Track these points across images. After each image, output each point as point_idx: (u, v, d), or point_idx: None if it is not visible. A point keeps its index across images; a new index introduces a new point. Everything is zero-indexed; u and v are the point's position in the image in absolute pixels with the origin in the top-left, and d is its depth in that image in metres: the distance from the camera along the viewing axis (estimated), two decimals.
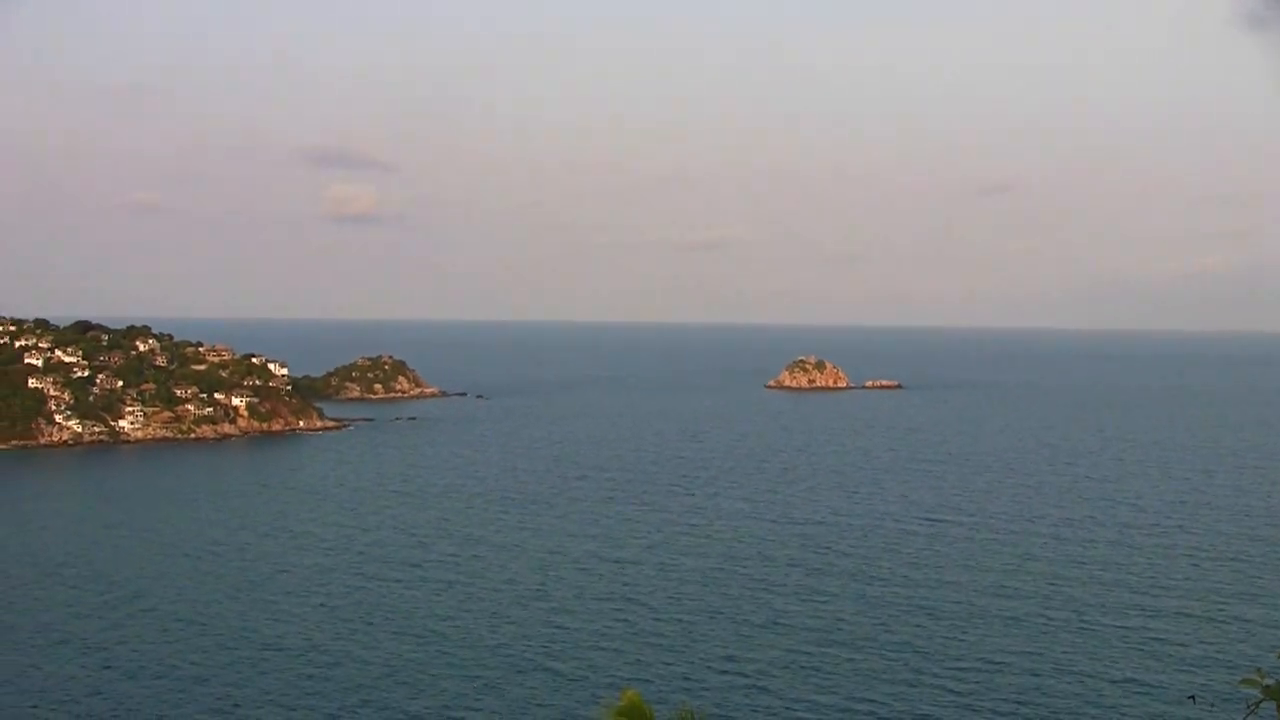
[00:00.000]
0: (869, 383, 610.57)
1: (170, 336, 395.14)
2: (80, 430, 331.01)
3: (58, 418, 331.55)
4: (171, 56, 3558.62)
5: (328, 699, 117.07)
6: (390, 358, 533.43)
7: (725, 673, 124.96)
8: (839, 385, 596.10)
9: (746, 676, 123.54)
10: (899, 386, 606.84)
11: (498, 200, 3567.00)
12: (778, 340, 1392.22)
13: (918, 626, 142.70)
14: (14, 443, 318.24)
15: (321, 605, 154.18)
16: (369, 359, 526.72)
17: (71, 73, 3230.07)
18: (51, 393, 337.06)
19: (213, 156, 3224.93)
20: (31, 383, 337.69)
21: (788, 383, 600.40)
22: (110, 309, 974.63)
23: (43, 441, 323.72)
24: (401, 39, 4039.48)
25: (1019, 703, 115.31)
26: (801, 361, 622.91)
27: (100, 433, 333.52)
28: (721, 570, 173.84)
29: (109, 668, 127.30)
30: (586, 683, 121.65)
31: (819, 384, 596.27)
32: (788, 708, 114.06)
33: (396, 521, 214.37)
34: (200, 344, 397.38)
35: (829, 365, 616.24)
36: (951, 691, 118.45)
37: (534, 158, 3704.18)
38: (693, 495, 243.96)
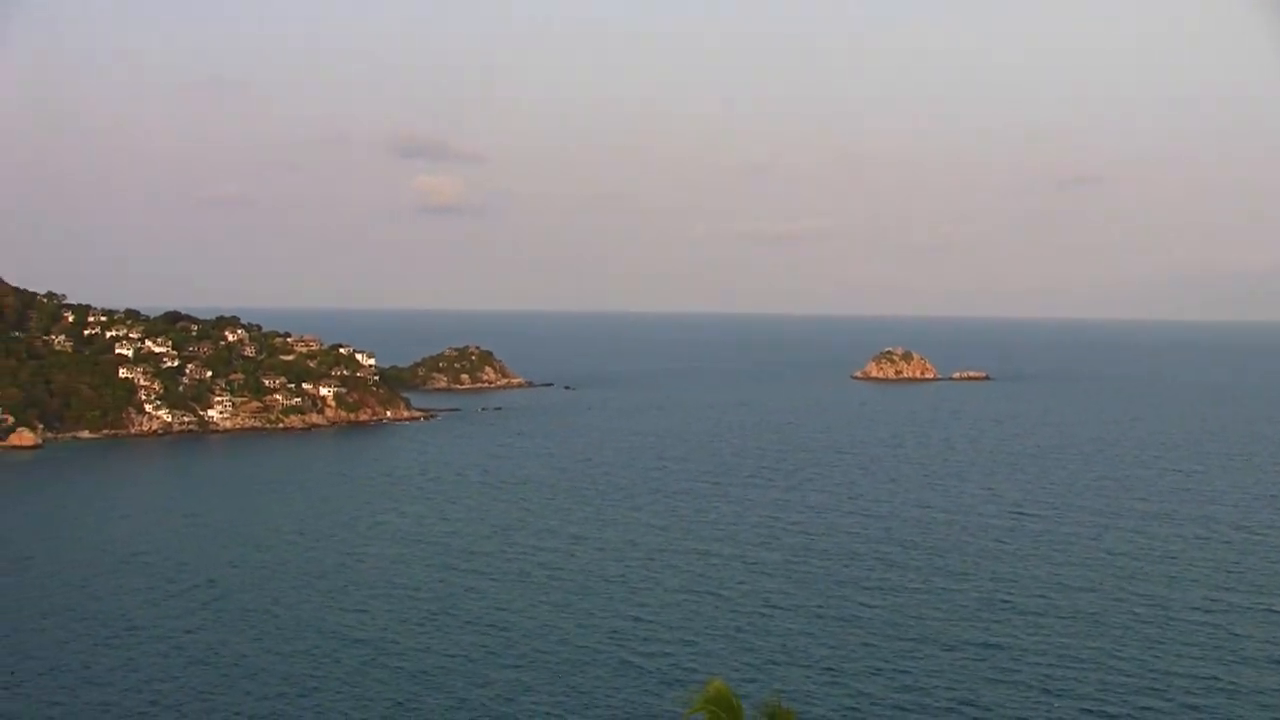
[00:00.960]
0: (956, 374, 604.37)
1: (259, 327, 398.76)
2: (170, 420, 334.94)
3: (148, 407, 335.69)
4: (256, 49, 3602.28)
5: (401, 689, 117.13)
6: (477, 348, 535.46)
7: (804, 665, 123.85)
8: (926, 376, 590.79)
9: (825, 669, 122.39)
10: (986, 378, 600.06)
11: (584, 191, 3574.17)
12: (864, 331, 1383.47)
13: (997, 622, 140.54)
14: (105, 432, 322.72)
15: (402, 595, 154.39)
16: (456, 349, 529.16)
17: (157, 67, 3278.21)
18: (142, 383, 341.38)
19: (299, 149, 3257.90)
20: (122, 373, 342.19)
21: (874, 374, 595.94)
22: (200, 300, 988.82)
23: (133, 431, 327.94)
24: (487, 31, 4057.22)
25: (1100, 699, 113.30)
26: (888, 352, 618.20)
27: (189, 422, 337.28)
28: (802, 563, 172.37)
29: (180, 651, 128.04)
30: (663, 675, 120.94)
31: (906, 375, 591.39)
32: (868, 702, 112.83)
33: (478, 512, 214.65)
34: (288, 334, 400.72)
35: (916, 356, 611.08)
36: (1032, 687, 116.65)
37: (620, 148, 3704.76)
38: (775, 487, 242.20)
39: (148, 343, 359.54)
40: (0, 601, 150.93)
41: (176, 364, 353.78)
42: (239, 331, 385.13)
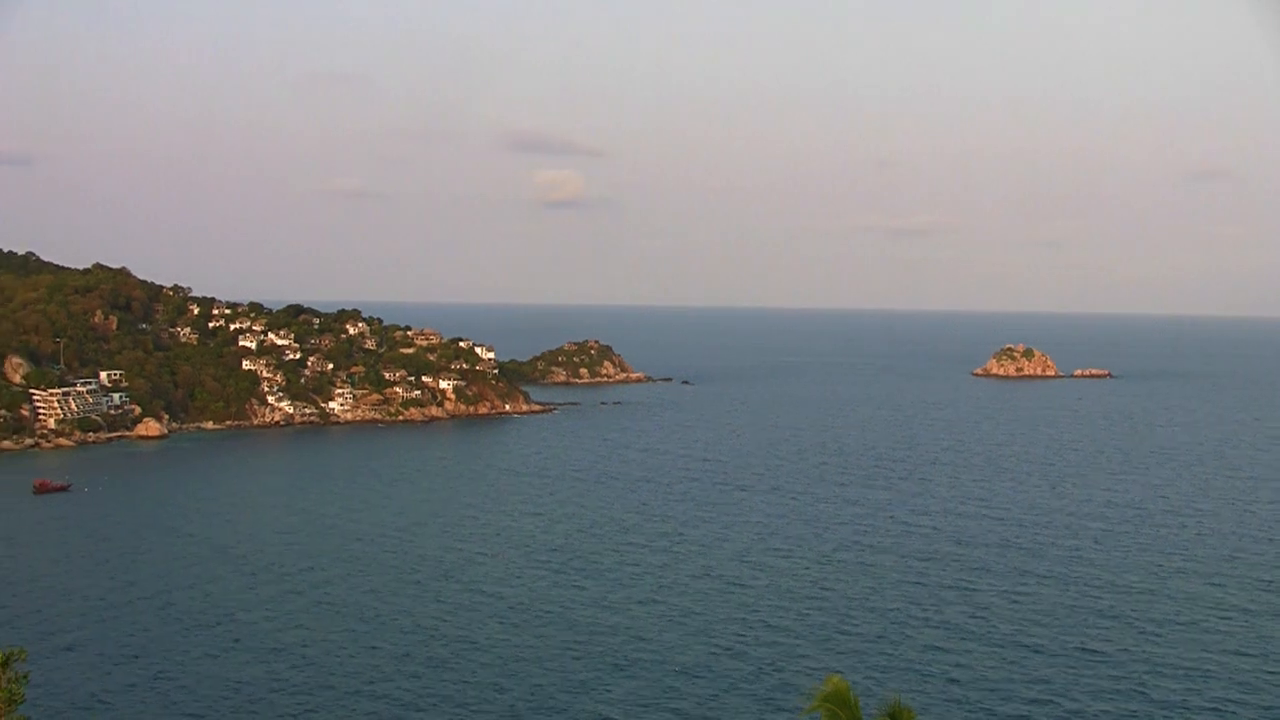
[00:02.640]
0: (1078, 371, 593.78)
1: (379, 320, 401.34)
2: (291, 411, 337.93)
3: (270, 399, 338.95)
4: (375, 44, 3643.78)
5: (517, 682, 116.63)
6: (597, 343, 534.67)
7: (921, 665, 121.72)
8: (1047, 374, 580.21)
9: (943, 671, 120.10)
10: (1109, 375, 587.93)
11: (704, 186, 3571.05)
12: (985, 327, 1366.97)
13: (1116, 630, 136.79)
14: (228, 423, 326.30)
15: (512, 591, 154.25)
16: (575, 344, 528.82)
17: (277, 62, 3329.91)
18: (264, 375, 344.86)
19: (420, 143, 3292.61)
20: (245, 365, 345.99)
21: (995, 371, 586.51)
22: (321, 293, 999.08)
23: (255, 422, 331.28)
24: (609, 26, 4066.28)
25: (1222, 713, 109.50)
26: (1010, 349, 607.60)
27: (310, 414, 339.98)
28: (921, 562, 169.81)
29: (278, 639, 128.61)
30: (778, 671, 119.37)
31: (1027, 372, 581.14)
32: (984, 704, 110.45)
33: (596, 506, 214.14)
34: (409, 328, 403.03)
35: (1037, 353, 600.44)
36: (1149, 699, 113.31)
37: (742, 143, 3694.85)
38: (895, 484, 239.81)
39: (270, 335, 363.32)
40: (124, 588, 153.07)
41: (298, 356, 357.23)
42: (360, 325, 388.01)
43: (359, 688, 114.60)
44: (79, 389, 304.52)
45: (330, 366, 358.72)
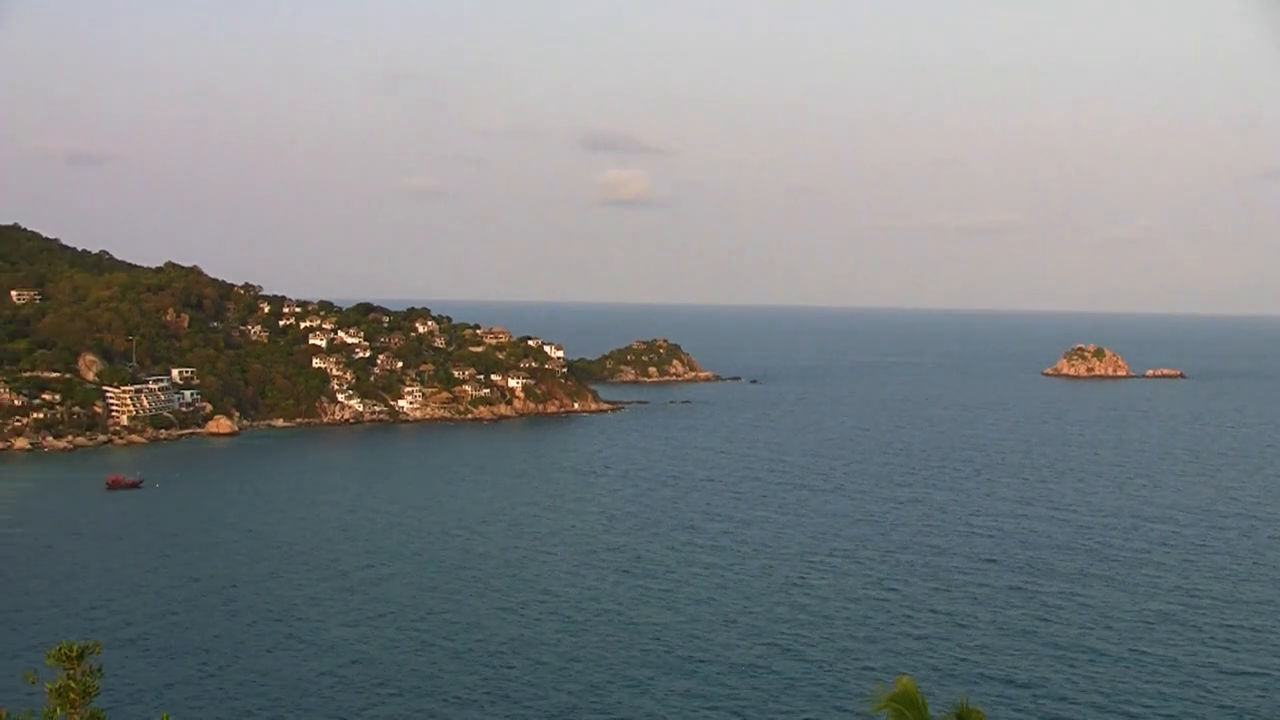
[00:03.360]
0: (1149, 371, 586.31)
1: (448, 319, 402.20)
2: (361, 409, 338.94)
3: (340, 397, 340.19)
4: (442, 44, 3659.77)
5: (574, 681, 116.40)
6: (665, 342, 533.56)
7: (983, 667, 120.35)
8: (1118, 374, 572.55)
9: (1006, 674, 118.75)
10: (1181, 376, 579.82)
11: (769, 185, 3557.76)
12: (1055, 327, 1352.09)
13: (1183, 635, 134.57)
14: (298, 420, 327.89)
15: (578, 588, 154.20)
16: (644, 342, 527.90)
17: (349, 62, 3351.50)
18: (334, 372, 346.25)
19: (489, 142, 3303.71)
20: (315, 363, 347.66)
21: (1065, 370, 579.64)
22: (391, 292, 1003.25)
23: (325, 420, 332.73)
24: (674, 26, 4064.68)
25: None
26: (1080, 349, 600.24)
27: (380, 412, 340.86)
28: (985, 563, 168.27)
29: (343, 635, 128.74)
30: (837, 670, 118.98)
31: (1098, 372, 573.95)
32: (1048, 709, 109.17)
33: (660, 505, 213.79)
34: (478, 326, 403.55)
35: (1108, 353, 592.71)
36: (1217, 705, 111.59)
37: (806, 142, 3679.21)
38: (961, 485, 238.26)
39: (340, 333, 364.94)
40: (190, 583, 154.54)
41: (368, 355, 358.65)
42: (429, 323, 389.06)
43: (416, 684, 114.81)
44: (151, 386, 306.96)
45: (400, 365, 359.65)
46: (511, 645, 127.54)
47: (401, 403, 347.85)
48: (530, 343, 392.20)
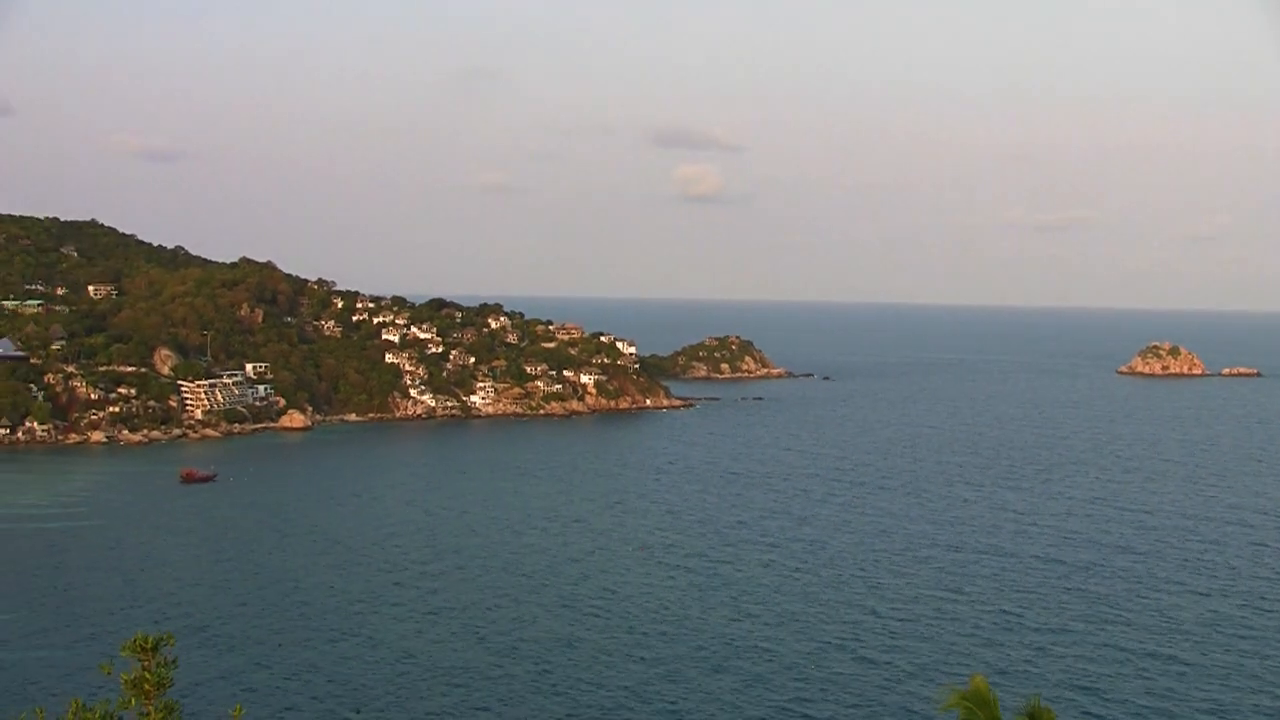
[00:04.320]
0: (1226, 370, 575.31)
1: (521, 315, 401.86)
2: (433, 404, 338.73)
3: (412, 392, 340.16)
4: (514, 40, 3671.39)
5: (641, 671, 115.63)
6: (738, 338, 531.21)
7: (1051, 670, 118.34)
8: (1194, 372, 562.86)
9: (1074, 678, 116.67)
10: (1258, 374, 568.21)
11: (842, 181, 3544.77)
12: (1130, 324, 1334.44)
13: (1251, 641, 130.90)
14: (371, 415, 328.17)
15: (645, 583, 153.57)
16: (716, 339, 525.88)
17: (424, 58, 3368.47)
18: (407, 368, 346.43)
19: (563, 138, 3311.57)
20: (388, 358, 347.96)
21: (1140, 368, 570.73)
22: (464, 287, 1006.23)
23: (398, 415, 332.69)
24: (751, 21, 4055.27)
25: None
26: (1155, 347, 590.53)
27: (452, 407, 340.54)
28: (1057, 565, 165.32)
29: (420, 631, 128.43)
30: (899, 668, 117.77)
31: (1173, 370, 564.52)
32: (1116, 713, 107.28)
33: (730, 503, 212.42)
34: (550, 322, 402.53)
35: (1184, 351, 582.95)
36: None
37: (880, 138, 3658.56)
38: (1034, 484, 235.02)
39: (413, 329, 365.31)
40: (258, 576, 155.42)
41: (441, 350, 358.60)
42: (502, 319, 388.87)
43: (469, 681, 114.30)
44: (225, 381, 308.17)
45: (472, 360, 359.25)
46: (567, 642, 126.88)
47: (474, 398, 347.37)
48: (603, 339, 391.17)
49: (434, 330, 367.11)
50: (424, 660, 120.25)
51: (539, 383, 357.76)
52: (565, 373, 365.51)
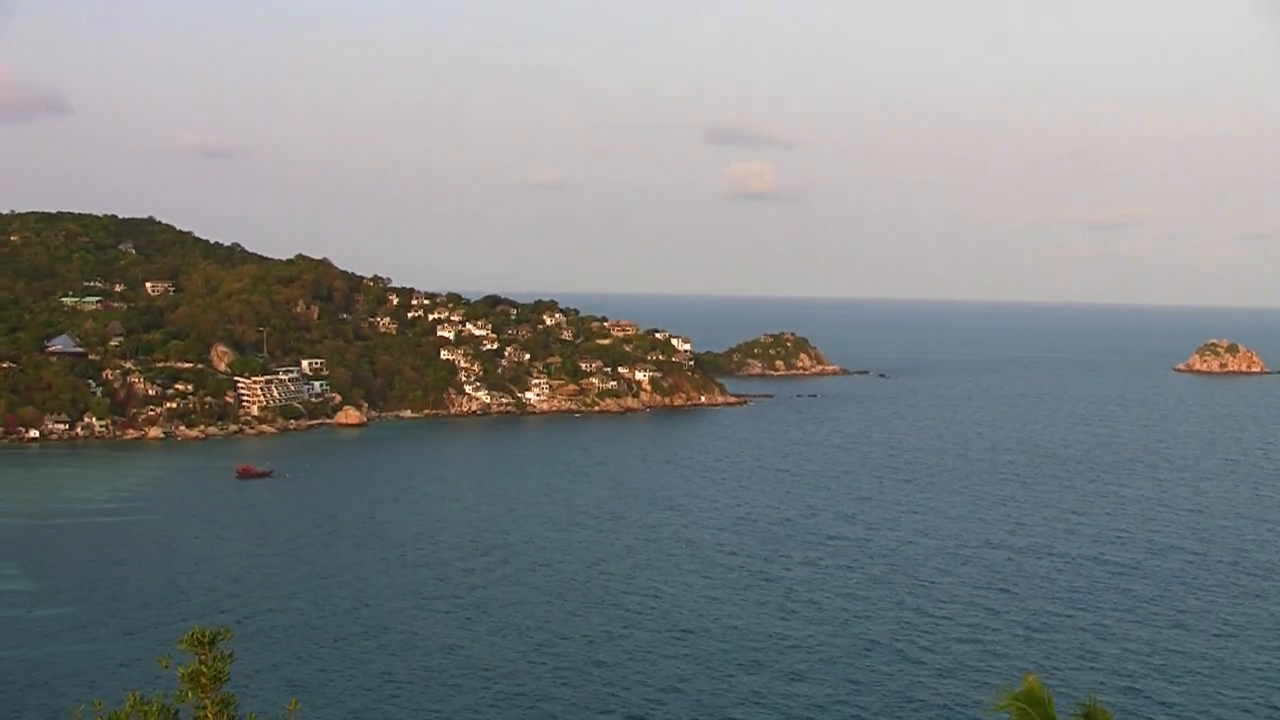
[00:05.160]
0: None
1: (576, 311, 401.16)
2: (488, 401, 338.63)
3: (468, 388, 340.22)
4: (578, 37, 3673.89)
5: (683, 669, 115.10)
6: (792, 335, 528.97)
7: (1101, 673, 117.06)
8: (1252, 370, 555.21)
9: (1119, 675, 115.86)
10: None
11: (897, 178, 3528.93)
12: (1187, 321, 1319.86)
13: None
14: (426, 412, 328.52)
15: (694, 582, 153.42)
16: (771, 336, 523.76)
17: (477, 55, 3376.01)
18: (462, 364, 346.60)
19: (618, 135, 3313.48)
20: (444, 354, 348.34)
21: (1198, 366, 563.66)
22: (519, 284, 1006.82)
23: (453, 411, 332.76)
24: (806, 18, 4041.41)
25: None
26: (1213, 344, 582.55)
27: (507, 404, 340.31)
28: (1112, 565, 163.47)
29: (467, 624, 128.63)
30: (948, 668, 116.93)
31: (1231, 368, 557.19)
32: (1167, 711, 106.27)
33: (783, 501, 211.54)
34: (605, 319, 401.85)
35: (1242, 349, 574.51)
36: None
37: (935, 135, 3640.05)
38: (1089, 483, 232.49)
39: (468, 326, 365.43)
40: (311, 571, 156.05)
41: (496, 347, 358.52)
42: (557, 315, 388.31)
43: (511, 678, 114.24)
44: (281, 377, 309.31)
45: (527, 357, 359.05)
46: (610, 639, 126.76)
47: (529, 395, 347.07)
48: (657, 335, 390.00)
49: (489, 327, 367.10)
50: (464, 655, 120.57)
51: (594, 379, 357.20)
52: (620, 369, 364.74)
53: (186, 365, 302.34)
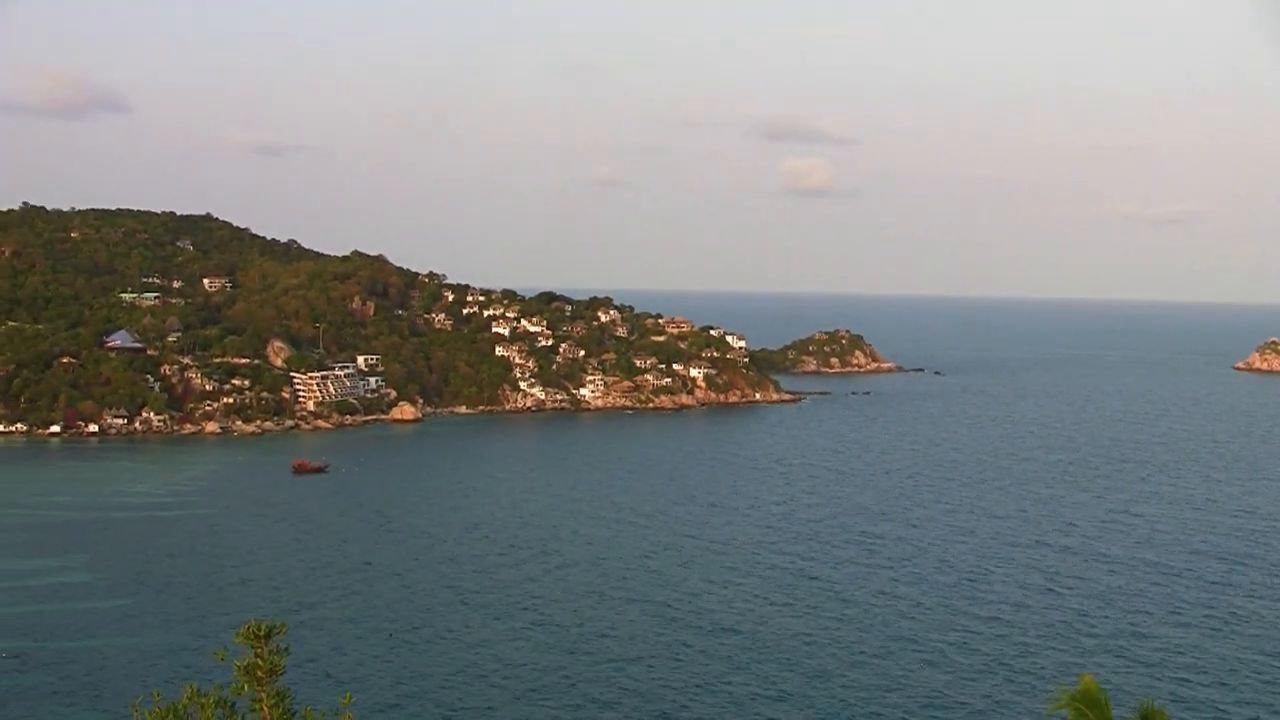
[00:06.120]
0: None
1: (630, 308, 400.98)
2: (543, 397, 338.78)
3: (522, 385, 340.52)
4: (625, 33, 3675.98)
5: (744, 672, 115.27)
6: (848, 332, 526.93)
7: (1158, 673, 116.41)
8: None
9: (1171, 680, 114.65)
10: None
11: (953, 174, 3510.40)
12: (1247, 319, 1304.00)
13: None
14: (481, 408, 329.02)
15: (751, 579, 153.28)
16: (826, 333, 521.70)
17: (530, 52, 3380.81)
18: (517, 361, 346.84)
19: (671, 131, 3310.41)
20: (498, 351, 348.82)
21: (1258, 365, 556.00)
22: (573, 280, 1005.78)
23: (507, 408, 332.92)
24: (860, 14, 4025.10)
25: None
26: (1274, 342, 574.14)
27: (562, 400, 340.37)
28: (1163, 564, 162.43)
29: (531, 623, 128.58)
30: (994, 670, 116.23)
31: None
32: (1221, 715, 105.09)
33: (836, 498, 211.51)
34: (660, 315, 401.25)
35: None
36: None
37: (990, 132, 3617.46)
38: (1143, 483, 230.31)
39: (523, 322, 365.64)
40: (364, 566, 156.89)
41: (551, 343, 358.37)
42: (611, 312, 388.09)
43: (554, 682, 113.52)
44: (337, 373, 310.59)
45: (582, 353, 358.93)
46: (654, 637, 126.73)
47: (583, 391, 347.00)
48: (712, 332, 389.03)
49: (544, 323, 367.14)
50: (507, 650, 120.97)
51: (648, 376, 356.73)
52: (675, 366, 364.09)
53: (243, 361, 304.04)
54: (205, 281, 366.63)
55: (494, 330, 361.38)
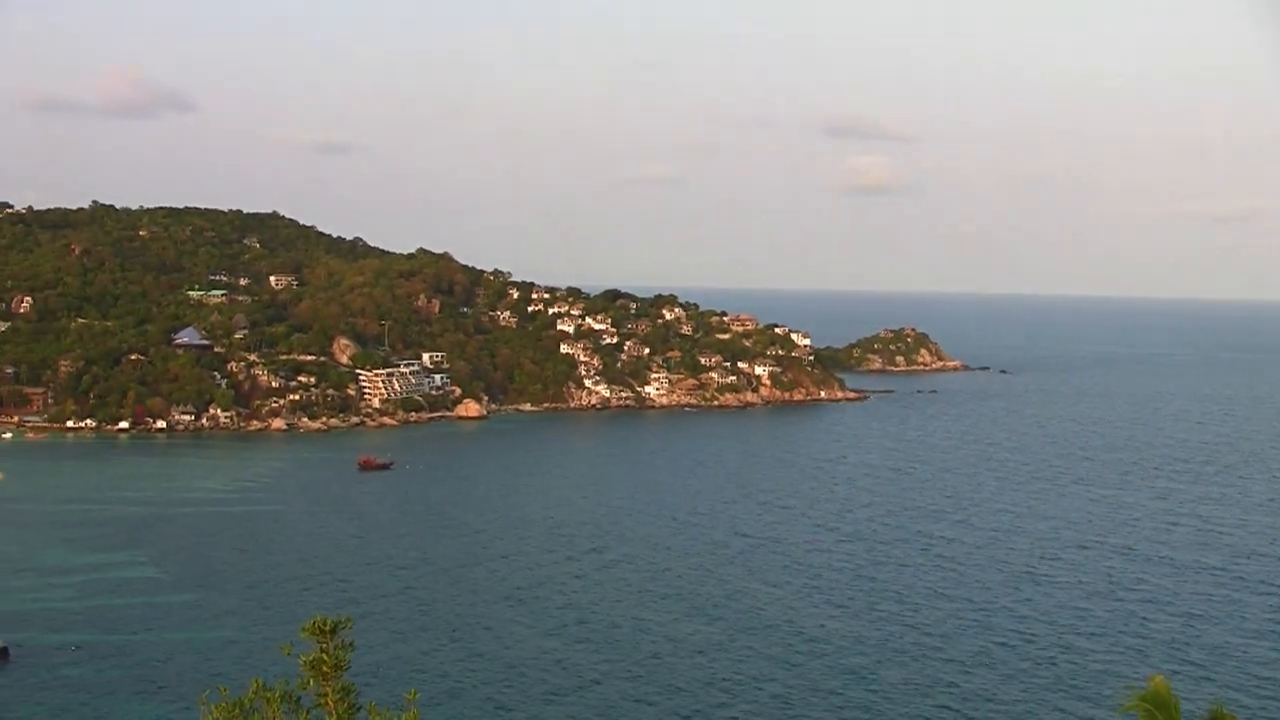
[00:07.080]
0: None
1: (695, 306, 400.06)
2: (608, 394, 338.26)
3: (587, 382, 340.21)
4: (684, 31, 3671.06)
5: (801, 671, 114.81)
6: (913, 330, 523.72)
7: (1224, 674, 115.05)
8: None
9: (1239, 686, 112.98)
10: None
11: (1015, 172, 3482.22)
12: None
13: None
14: (546, 405, 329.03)
15: (804, 576, 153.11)
16: (891, 331, 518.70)
17: (590, 51, 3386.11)
18: (581, 358, 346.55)
19: (733, 129, 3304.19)
20: (563, 348, 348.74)
21: None
22: (638, 278, 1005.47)
23: (572, 405, 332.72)
24: (916, 11, 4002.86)
25: None
26: None
27: (626, 398, 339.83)
28: (1223, 566, 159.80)
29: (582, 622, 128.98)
30: (1060, 669, 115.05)
31: None
32: None
33: (897, 496, 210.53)
34: (724, 313, 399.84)
35: None
36: None
37: (1051, 129, 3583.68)
38: (1207, 481, 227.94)
39: (588, 320, 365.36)
40: (424, 562, 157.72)
41: (615, 341, 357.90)
42: (676, 310, 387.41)
43: (617, 679, 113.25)
44: (402, 370, 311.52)
45: (647, 351, 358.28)
46: (713, 640, 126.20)
47: (648, 389, 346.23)
48: (777, 330, 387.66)
49: (609, 321, 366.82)
50: (562, 644, 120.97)
51: (713, 374, 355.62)
52: (739, 364, 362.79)
53: (309, 358, 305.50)
54: (272, 279, 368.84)
55: (559, 328, 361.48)
